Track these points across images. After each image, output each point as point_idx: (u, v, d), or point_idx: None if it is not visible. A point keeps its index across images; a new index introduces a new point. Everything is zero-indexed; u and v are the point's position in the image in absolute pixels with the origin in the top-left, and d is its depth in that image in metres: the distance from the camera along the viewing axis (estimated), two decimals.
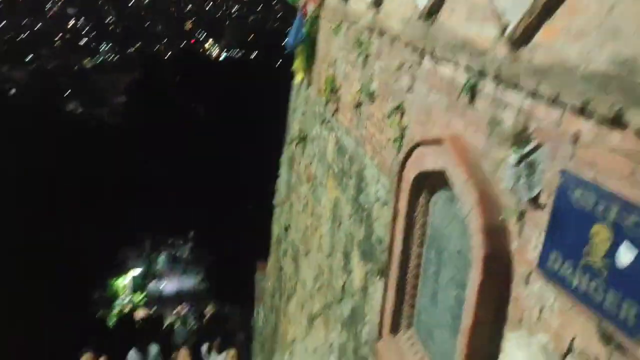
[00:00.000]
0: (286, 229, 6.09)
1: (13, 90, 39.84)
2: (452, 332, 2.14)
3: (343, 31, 4.00)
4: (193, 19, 79.20)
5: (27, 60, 57.80)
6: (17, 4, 70.14)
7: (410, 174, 2.51)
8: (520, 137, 1.70)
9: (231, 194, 21.50)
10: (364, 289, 3.21)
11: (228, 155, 21.61)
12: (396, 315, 2.70)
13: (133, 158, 24.47)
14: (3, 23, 65.56)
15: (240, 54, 53.71)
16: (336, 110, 4.20)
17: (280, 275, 6.28)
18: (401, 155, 2.68)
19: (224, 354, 7.22)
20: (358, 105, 3.58)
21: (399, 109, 2.83)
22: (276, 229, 6.92)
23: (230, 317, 22.65)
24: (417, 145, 2.42)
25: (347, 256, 3.63)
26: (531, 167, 1.64)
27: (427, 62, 2.49)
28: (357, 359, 3.27)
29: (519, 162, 1.68)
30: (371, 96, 3.29)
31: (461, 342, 1.88)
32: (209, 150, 22.83)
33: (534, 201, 1.63)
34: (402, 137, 2.79)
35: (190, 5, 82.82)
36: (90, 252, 19.50)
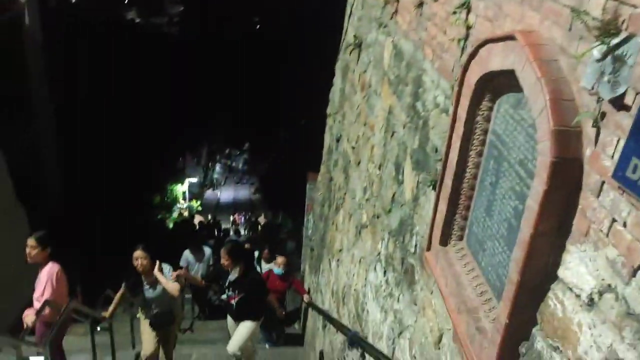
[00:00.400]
0: (338, 139, 5.99)
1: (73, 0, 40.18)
2: (507, 244, 2.02)
3: None
4: None
5: None
6: None
7: (473, 77, 2.30)
8: (608, 28, 1.47)
9: (285, 105, 21.38)
10: (415, 200, 3.10)
11: (282, 65, 21.26)
12: (447, 226, 2.59)
13: (191, 69, 24.52)
14: None
15: None
16: (395, 12, 3.92)
17: (330, 185, 6.26)
18: (465, 57, 2.45)
19: (273, 261, 7.41)
20: (419, 4, 3.30)
21: (465, 6, 2.57)
22: (327, 140, 6.84)
23: (281, 226, 23.40)
24: (483, 43, 2.19)
25: (398, 166, 3.51)
26: (618, 62, 1.42)
27: None
28: (403, 268, 3.23)
29: (604, 56, 1.46)
30: None
31: (518, 254, 1.76)
32: (266, 62, 22.52)
33: (618, 101, 1.42)
34: (467, 36, 2.55)
35: None
36: (151, 158, 20.19)
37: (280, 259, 7.18)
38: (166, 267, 5.10)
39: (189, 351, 6.33)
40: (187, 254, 8.55)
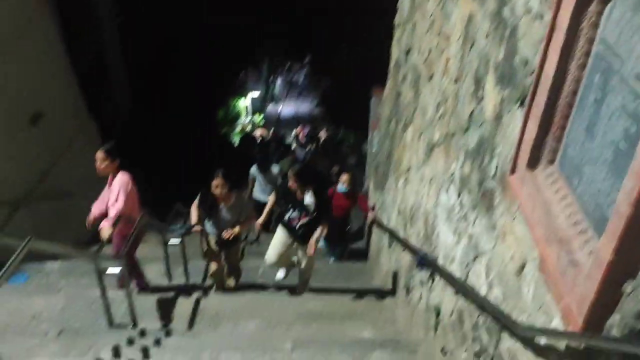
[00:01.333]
0: (407, 52, 5.62)
1: None
2: (612, 171, 1.78)
3: None
4: None
5: None
6: None
7: None
8: None
9: (348, 13, 20.48)
10: (498, 118, 2.84)
11: None
12: (537, 148, 2.35)
13: None
14: None
15: None
16: None
17: (398, 101, 5.98)
18: None
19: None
20: None
21: None
22: (395, 52, 6.45)
23: (343, 140, 23.29)
24: None
25: (478, 81, 3.21)
26: None
27: None
28: (481, 191, 3.04)
29: None
30: None
31: (631, 184, 1.54)
32: None
33: None
34: None
35: None
36: (214, 73, 20.17)
37: (344, 177, 7.05)
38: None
39: (256, 263, 6.52)
40: (254, 170, 8.64)
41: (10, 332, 4.33)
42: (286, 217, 5.31)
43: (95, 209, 4.79)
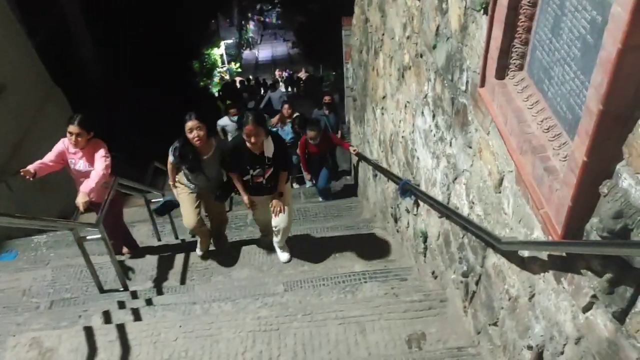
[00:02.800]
0: None
1: None
2: (581, 68, 1.66)
3: None
4: None
5: None
6: None
7: None
8: None
9: None
10: (463, 30, 2.68)
11: None
12: (503, 55, 2.21)
13: None
14: None
15: None
16: None
17: (366, 27, 5.73)
18: None
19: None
20: None
21: None
22: None
23: (323, 78, 22.87)
24: None
25: None
26: None
27: None
28: (454, 109, 2.91)
29: None
30: None
31: (599, 78, 1.42)
32: None
33: None
34: None
35: None
36: (183, 23, 19.45)
37: (310, 134, 6.92)
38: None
39: (243, 212, 6.47)
40: (225, 122, 8.42)
41: (1, 308, 4.28)
42: (248, 177, 4.39)
43: (37, 165, 4.50)
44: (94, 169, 4.40)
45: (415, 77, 3.75)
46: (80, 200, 4.18)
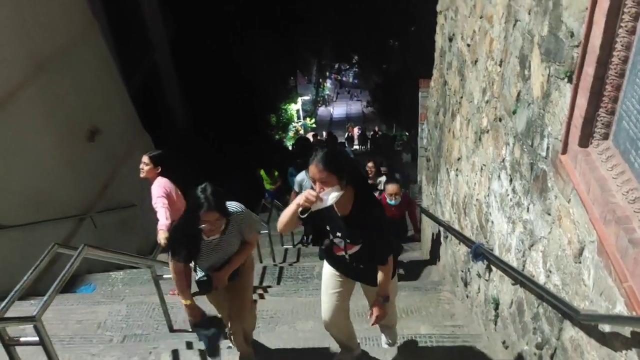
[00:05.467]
0: (450, 38, 5.46)
1: None
2: None
3: None
4: None
5: None
6: None
7: None
8: None
9: (394, 12, 20.30)
10: (546, 96, 2.69)
11: None
12: (588, 123, 2.19)
13: None
14: None
15: None
16: None
17: (444, 90, 5.81)
18: None
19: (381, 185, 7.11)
20: None
21: None
22: (439, 40, 6.29)
23: (396, 137, 23.05)
24: None
25: (524, 60, 3.06)
26: None
27: None
28: (533, 174, 2.88)
29: None
30: None
31: None
32: None
33: None
34: None
35: None
36: (264, 80, 20.45)
37: (391, 188, 6.10)
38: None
39: (311, 263, 6.52)
40: (303, 177, 7.72)
41: (78, 339, 4.50)
42: (326, 242, 3.13)
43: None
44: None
45: (492, 141, 3.75)
46: (159, 236, 4.39)
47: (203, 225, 2.93)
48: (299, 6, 21.56)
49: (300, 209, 2.68)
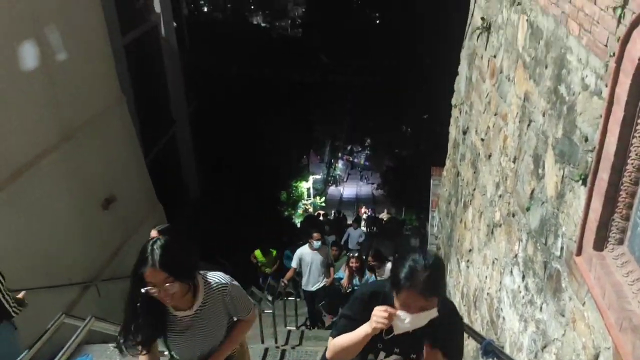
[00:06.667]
0: (465, 131, 5.62)
1: (205, 6, 43.35)
2: None
3: None
4: None
5: None
6: None
7: (636, 50, 1.92)
8: None
9: (408, 99, 20.98)
10: (560, 197, 2.73)
11: (403, 58, 20.86)
12: (603, 228, 2.22)
13: (313, 66, 25.02)
14: None
15: None
16: None
17: (457, 180, 5.90)
18: (623, 27, 2.07)
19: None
20: None
21: None
22: (453, 132, 6.46)
23: (405, 222, 23.02)
24: None
25: (537, 159, 3.13)
26: None
27: None
28: (546, 273, 2.87)
29: None
30: None
31: None
32: (385, 56, 22.30)
33: None
34: (624, 3, 2.16)
35: None
36: (277, 157, 20.88)
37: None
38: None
39: (315, 347, 6.33)
40: (303, 253, 7.71)
41: None
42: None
43: None
44: None
45: (505, 235, 3.76)
46: None
47: (150, 290, 2.22)
48: (317, 91, 22.40)
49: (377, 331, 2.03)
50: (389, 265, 7.25)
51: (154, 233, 4.77)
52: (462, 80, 6.02)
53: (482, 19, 4.83)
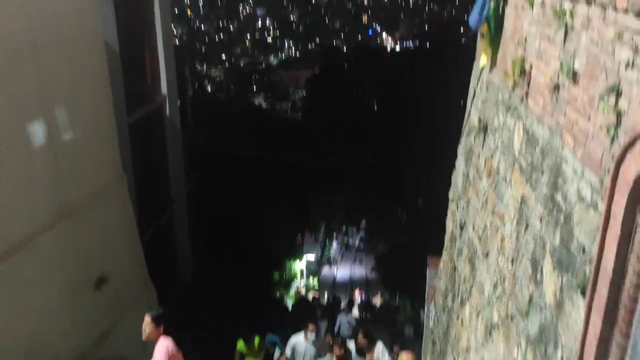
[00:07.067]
0: (462, 226, 5.65)
1: (209, 87, 44.95)
2: None
3: (538, 3, 3.47)
4: (369, 12, 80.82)
5: (222, 58, 64.25)
6: (217, 8, 78.64)
7: (630, 172, 2.00)
8: None
9: (404, 185, 21.27)
10: (559, 306, 2.71)
11: (401, 144, 21.39)
12: (603, 343, 2.19)
13: (311, 149, 25.59)
14: (204, 26, 73.75)
15: (414, 45, 53.51)
16: (525, 95, 3.69)
17: (454, 275, 5.86)
18: (617, 147, 2.16)
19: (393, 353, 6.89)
20: (555, 88, 3.06)
21: (614, 90, 2.29)
22: (450, 225, 6.50)
23: (398, 309, 22.55)
24: None
25: (535, 264, 3.14)
26: None
27: None
28: None
29: None
30: (574, 76, 2.76)
31: None
32: (382, 141, 22.88)
33: None
34: (617, 124, 2.26)
35: (366, 0, 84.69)
36: (272, 236, 20.81)
37: (405, 356, 5.81)
38: None
39: None
40: (296, 342, 7.64)
41: None
42: None
43: None
44: None
45: (503, 338, 3.69)
46: None
47: None
48: (314, 173, 22.74)
49: None
50: (379, 346, 7.07)
51: (147, 319, 4.70)
52: (459, 174, 6.14)
53: (479, 119, 5.01)
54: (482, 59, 4.85)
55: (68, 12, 6.70)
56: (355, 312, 23.74)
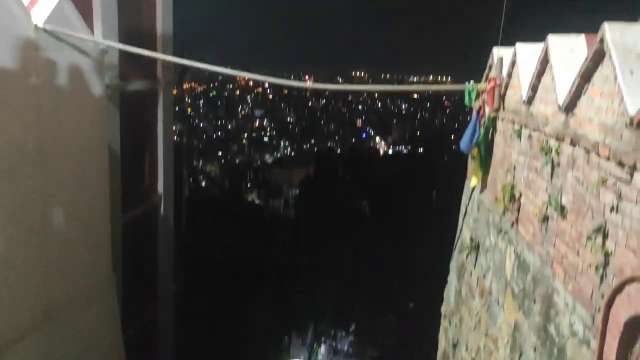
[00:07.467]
0: (454, 345, 5.55)
1: (204, 182, 45.46)
2: None
3: (525, 135, 3.69)
4: (363, 117, 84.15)
5: (219, 155, 65.55)
6: (217, 108, 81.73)
7: (621, 315, 2.04)
8: None
9: (395, 291, 21.02)
10: None
11: (392, 249, 21.41)
12: None
13: (303, 247, 25.50)
14: (203, 124, 76.11)
15: (407, 150, 55.25)
16: (516, 220, 3.80)
17: None
18: (606, 288, 2.22)
19: None
20: (544, 219, 3.17)
21: (600, 231, 2.39)
22: (443, 342, 6.37)
23: None
24: (630, 280, 1.97)
25: None
26: None
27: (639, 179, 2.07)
28: None
29: None
30: (562, 210, 2.88)
31: None
32: (373, 244, 22.90)
33: None
34: (606, 264, 2.34)
35: (360, 106, 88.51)
36: (258, 337, 20.14)
37: None
38: None
39: None
40: None
41: None
42: None
43: None
44: None
45: None
46: None
47: None
48: (304, 273, 22.49)
49: None
50: None
51: None
52: (451, 290, 6.12)
53: (471, 238, 5.10)
54: (473, 180, 5.03)
55: (77, 123, 6.97)
56: None
